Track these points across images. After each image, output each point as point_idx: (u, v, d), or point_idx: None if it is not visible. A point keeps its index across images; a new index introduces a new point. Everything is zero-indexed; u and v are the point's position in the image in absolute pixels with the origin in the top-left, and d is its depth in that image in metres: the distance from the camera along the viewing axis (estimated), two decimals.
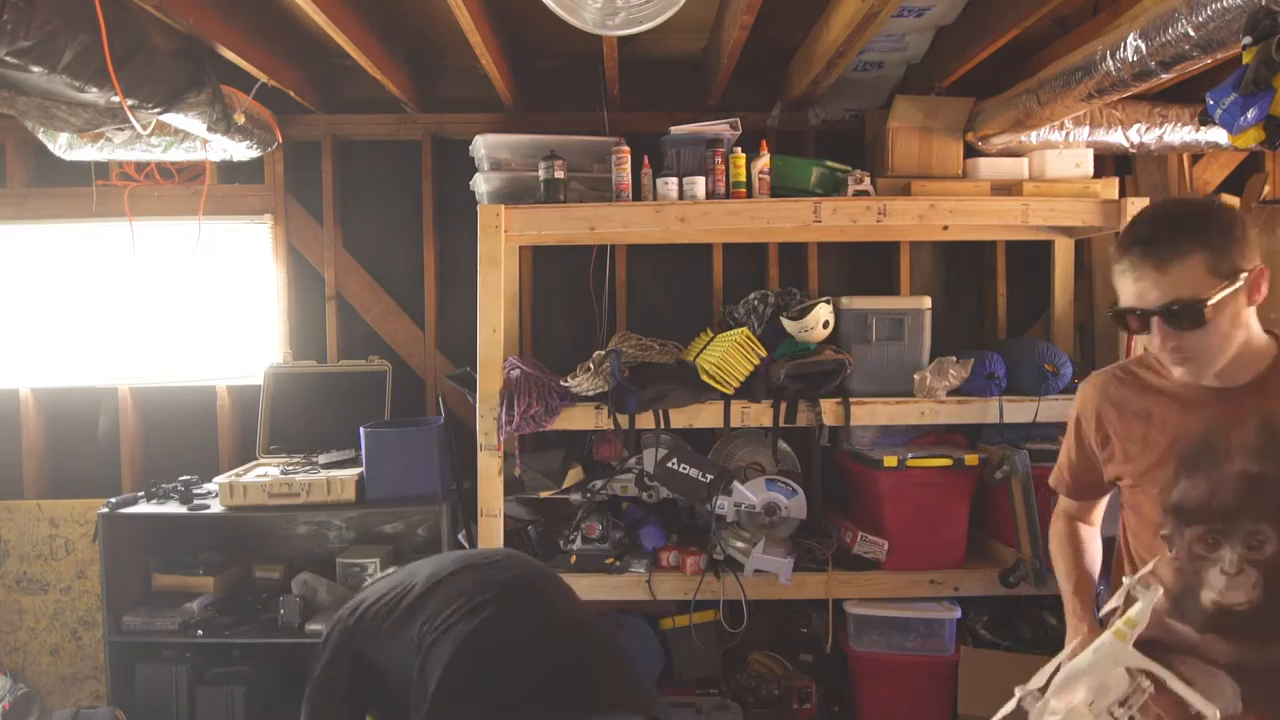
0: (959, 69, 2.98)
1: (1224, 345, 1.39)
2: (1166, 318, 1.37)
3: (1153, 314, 1.38)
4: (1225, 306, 1.36)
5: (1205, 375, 1.43)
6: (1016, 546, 2.95)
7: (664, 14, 2.08)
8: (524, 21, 2.93)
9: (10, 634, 3.45)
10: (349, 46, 2.65)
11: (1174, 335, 1.38)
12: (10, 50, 1.84)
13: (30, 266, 3.59)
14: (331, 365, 3.52)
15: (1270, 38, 1.65)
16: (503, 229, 2.86)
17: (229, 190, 3.55)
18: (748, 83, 3.33)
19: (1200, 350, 1.39)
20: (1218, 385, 1.46)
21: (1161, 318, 1.37)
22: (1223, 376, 1.45)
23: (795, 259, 3.58)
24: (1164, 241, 1.36)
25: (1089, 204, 3.02)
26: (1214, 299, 1.34)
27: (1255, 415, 1.42)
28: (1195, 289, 1.34)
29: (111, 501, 3.12)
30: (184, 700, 3.07)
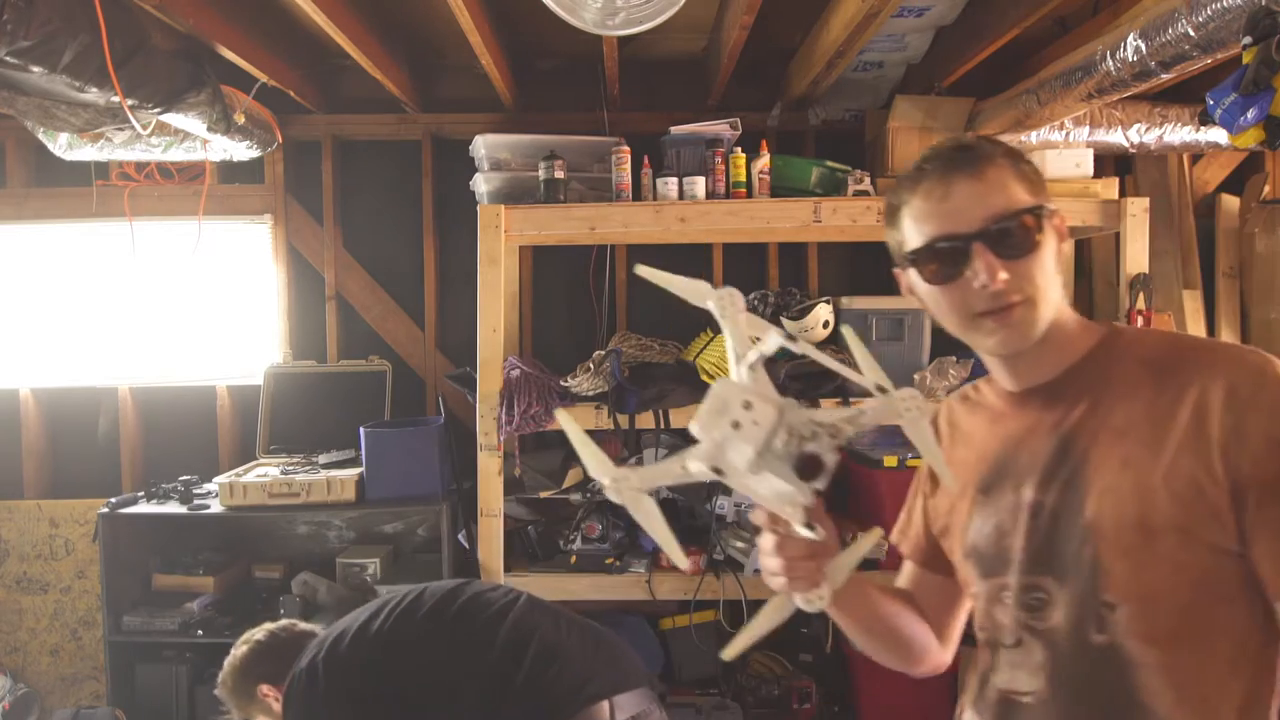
0: (959, 69, 2.98)
1: (1049, 293, 1.03)
2: (995, 239, 0.99)
3: (975, 237, 0.99)
4: (1049, 235, 1.03)
5: (1029, 337, 1.03)
6: None
7: (664, 14, 2.08)
8: (524, 21, 2.93)
9: (10, 634, 3.45)
10: (349, 46, 2.65)
11: (1002, 264, 0.99)
12: (10, 50, 1.84)
13: (30, 266, 3.59)
14: (331, 365, 3.52)
15: (1270, 38, 1.65)
16: (503, 229, 2.86)
17: (229, 190, 3.55)
18: (748, 83, 3.33)
19: (1033, 289, 1.01)
20: (1016, 388, 1.11)
21: (987, 242, 0.99)
22: (1030, 364, 1.08)
23: (795, 259, 3.58)
24: (970, 150, 1.04)
25: (1089, 204, 3.02)
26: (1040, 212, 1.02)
27: (1051, 425, 1.06)
28: (1020, 198, 1.02)
29: (111, 501, 3.12)
30: (184, 700, 3.07)
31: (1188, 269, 3.48)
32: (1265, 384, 0.94)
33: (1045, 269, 1.02)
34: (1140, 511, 0.95)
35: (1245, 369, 0.95)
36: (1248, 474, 0.91)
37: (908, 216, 1.06)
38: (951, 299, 1.04)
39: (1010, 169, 1.03)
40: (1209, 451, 0.93)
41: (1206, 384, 0.95)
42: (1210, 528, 0.93)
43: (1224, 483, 0.92)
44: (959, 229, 1.01)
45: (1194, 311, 3.43)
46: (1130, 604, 0.97)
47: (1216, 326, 3.47)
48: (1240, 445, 0.92)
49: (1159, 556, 0.95)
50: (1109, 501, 0.98)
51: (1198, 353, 1.01)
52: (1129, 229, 2.97)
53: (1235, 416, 0.92)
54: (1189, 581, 0.95)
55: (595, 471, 0.92)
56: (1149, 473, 0.95)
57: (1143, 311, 2.98)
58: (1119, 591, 0.97)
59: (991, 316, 1.02)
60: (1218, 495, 0.92)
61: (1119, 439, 0.99)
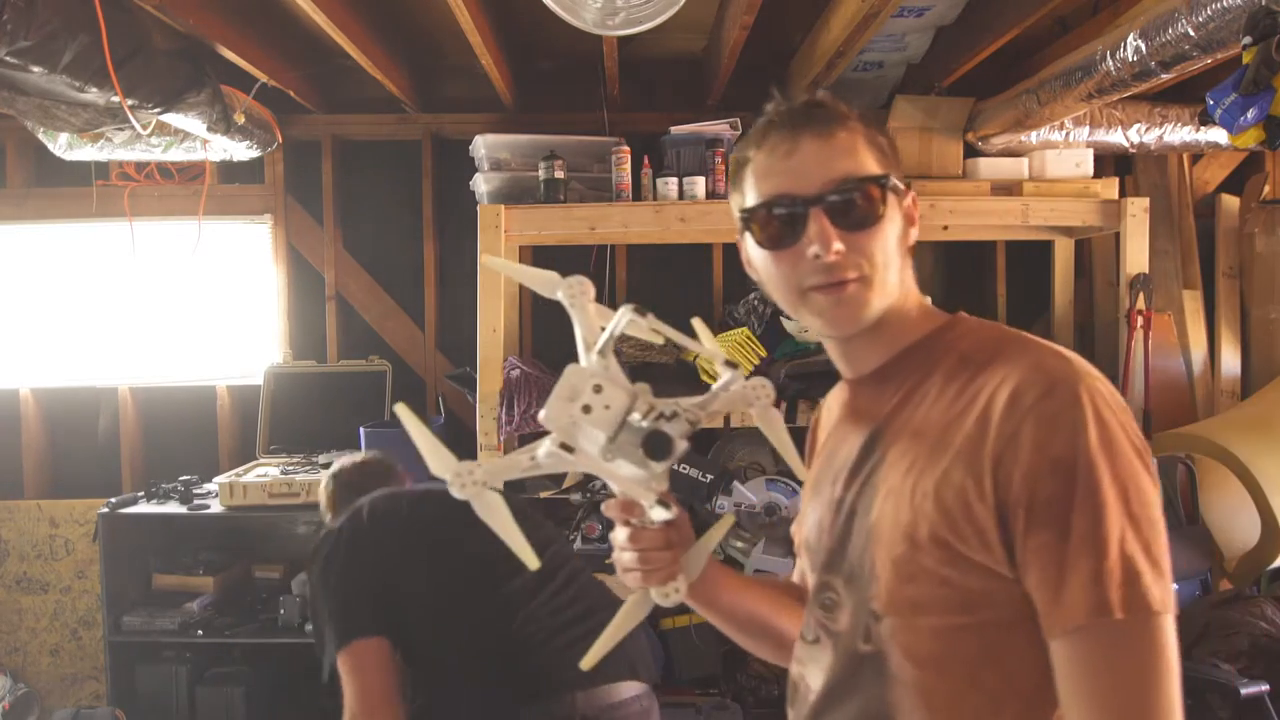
0: (959, 69, 2.98)
1: (888, 274, 0.93)
2: (835, 207, 0.90)
3: (814, 201, 0.90)
4: (895, 211, 0.94)
5: (859, 320, 0.93)
6: None
7: (664, 14, 2.08)
8: (524, 21, 2.93)
9: (10, 634, 3.45)
10: (349, 46, 2.65)
11: (840, 234, 0.90)
12: (10, 50, 1.84)
13: (30, 266, 3.59)
14: (331, 365, 3.52)
15: (1270, 38, 1.65)
16: (503, 229, 2.86)
17: (229, 190, 3.54)
18: (748, 83, 3.33)
19: (870, 267, 0.91)
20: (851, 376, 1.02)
21: (825, 208, 0.90)
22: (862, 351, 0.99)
23: None
24: (822, 109, 0.95)
25: (1089, 204, 3.02)
26: (889, 184, 0.93)
27: (868, 418, 0.98)
28: (868, 166, 0.92)
29: (111, 501, 3.12)
30: (184, 700, 3.07)
31: (1188, 269, 3.48)
32: (1054, 393, 0.81)
33: (886, 247, 0.92)
34: (910, 520, 0.87)
35: (1038, 374, 0.83)
36: (1017, 493, 0.80)
37: (750, 174, 0.96)
38: (783, 268, 0.93)
39: (863, 135, 0.94)
40: (982, 462, 0.82)
41: (998, 386, 0.85)
42: (976, 547, 0.82)
43: (990, 499, 0.81)
44: (798, 190, 0.91)
45: (1194, 311, 3.43)
46: (893, 617, 0.89)
47: (1216, 326, 3.47)
48: (1013, 459, 0.80)
49: (923, 571, 0.86)
50: (889, 506, 0.90)
51: (1008, 350, 0.89)
52: (1129, 229, 2.97)
53: (1014, 426, 0.81)
54: (955, 602, 0.85)
55: (435, 468, 0.92)
56: (926, 479, 0.86)
57: (1143, 311, 2.99)
58: (883, 602, 0.89)
59: (822, 291, 0.91)
60: (984, 513, 0.82)
61: (914, 439, 0.90)
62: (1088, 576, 0.77)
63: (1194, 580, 2.79)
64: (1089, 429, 0.79)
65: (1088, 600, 0.76)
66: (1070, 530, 0.78)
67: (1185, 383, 3.36)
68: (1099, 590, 0.76)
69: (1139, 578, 0.77)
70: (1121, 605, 0.76)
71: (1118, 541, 0.77)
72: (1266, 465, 2.69)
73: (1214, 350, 3.46)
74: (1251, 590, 2.79)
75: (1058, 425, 0.80)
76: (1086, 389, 0.81)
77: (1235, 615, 2.50)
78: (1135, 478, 0.80)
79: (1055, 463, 0.79)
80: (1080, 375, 0.83)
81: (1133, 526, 0.78)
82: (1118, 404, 0.83)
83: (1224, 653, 2.39)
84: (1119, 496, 0.78)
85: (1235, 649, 2.40)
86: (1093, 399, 0.81)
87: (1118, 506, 0.78)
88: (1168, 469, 2.82)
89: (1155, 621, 0.77)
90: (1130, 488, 0.79)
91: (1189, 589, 2.78)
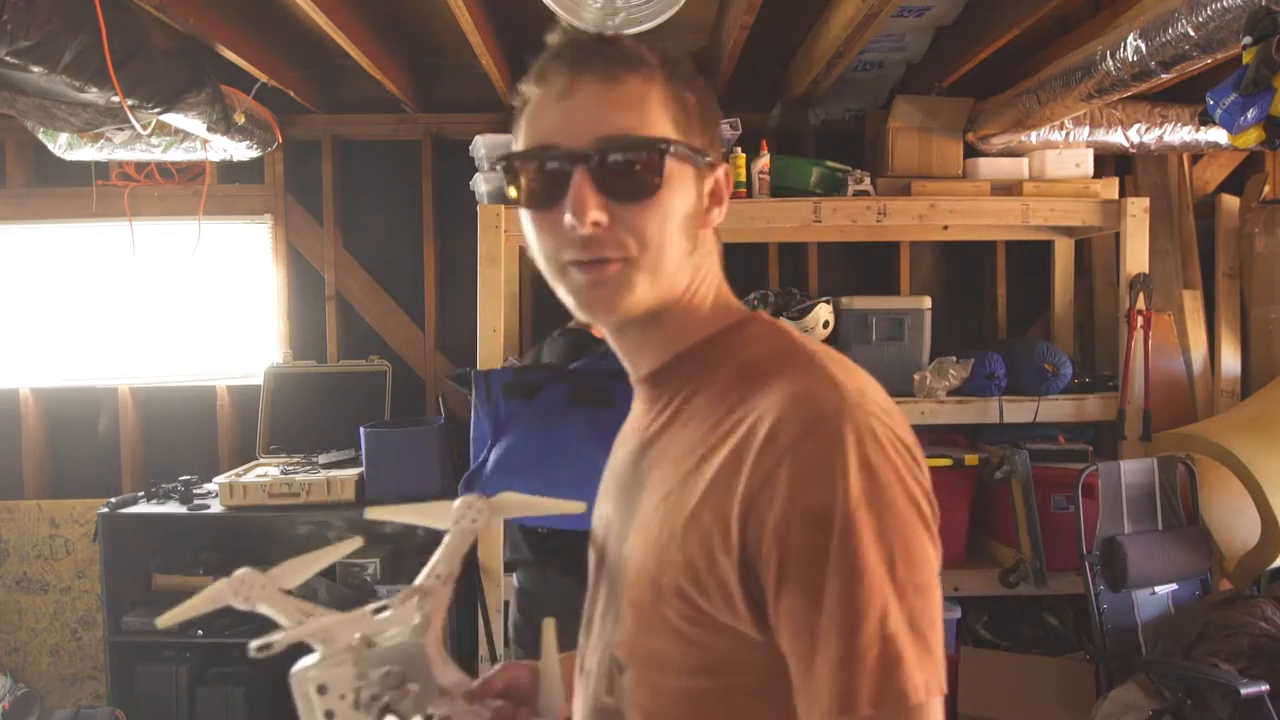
0: (959, 69, 2.98)
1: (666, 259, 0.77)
2: (605, 170, 0.74)
3: (579, 159, 0.74)
4: (684, 185, 0.77)
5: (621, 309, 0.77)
6: (1016, 546, 2.94)
7: (664, 14, 2.08)
8: (524, 21, 2.93)
9: (10, 634, 3.45)
10: (349, 46, 2.65)
11: (605, 204, 0.74)
12: (10, 50, 1.84)
13: (30, 266, 3.59)
14: (331, 365, 3.52)
15: (1270, 38, 1.65)
16: (503, 229, 2.86)
17: (229, 190, 3.54)
18: (748, 83, 3.33)
19: (639, 248, 0.75)
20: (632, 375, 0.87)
21: (593, 170, 0.74)
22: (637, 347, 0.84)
23: (795, 259, 3.58)
24: (615, 47, 0.78)
25: (1089, 204, 3.02)
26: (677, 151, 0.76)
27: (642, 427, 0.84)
28: (657, 125, 0.76)
29: (111, 501, 3.12)
30: (184, 700, 3.07)
31: (1188, 269, 3.48)
32: (815, 431, 0.67)
33: (665, 226, 0.76)
34: (656, 565, 0.73)
35: (802, 406, 0.69)
36: (767, 547, 0.66)
37: (524, 115, 0.80)
38: (543, 234, 0.77)
39: (663, 87, 0.77)
40: (730, 507, 0.68)
41: (760, 416, 0.70)
42: (720, 605, 0.69)
43: (735, 552, 0.68)
44: (565, 142, 0.75)
45: (1194, 311, 3.43)
46: (635, 669, 0.76)
47: (1216, 326, 3.47)
48: (766, 507, 0.66)
49: (665, 623, 0.73)
50: (638, 542, 0.77)
51: (784, 369, 0.74)
52: (1129, 229, 2.97)
53: (768, 468, 0.67)
54: (700, 663, 0.72)
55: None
56: (674, 518, 0.73)
57: (1143, 311, 2.99)
58: (626, 651, 0.77)
59: (580, 269, 0.75)
60: (727, 566, 0.68)
61: (674, 463, 0.76)
62: (836, 658, 0.63)
63: (1194, 580, 2.79)
64: (850, 477, 0.65)
65: (833, 688, 0.63)
66: (823, 596, 0.64)
67: (1185, 383, 3.36)
68: (847, 677, 0.63)
69: (898, 662, 0.63)
70: (871, 699, 0.63)
71: (877, 616, 0.64)
72: (1266, 465, 2.69)
73: (1214, 350, 3.46)
74: (1251, 590, 2.79)
75: (815, 471, 0.66)
76: (854, 427, 0.67)
77: (1235, 615, 2.50)
78: (906, 536, 0.67)
79: (810, 515, 0.65)
80: (849, 410, 0.68)
81: (898, 596, 0.65)
82: (896, 444, 0.69)
83: (1224, 653, 2.39)
84: (882, 559, 0.65)
85: (1235, 649, 2.40)
86: (860, 440, 0.66)
87: (880, 571, 0.64)
88: (1168, 469, 2.82)
89: (915, 715, 0.64)
90: (898, 548, 0.66)
91: (1189, 589, 2.78)
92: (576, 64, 0.76)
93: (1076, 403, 3.03)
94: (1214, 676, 2.29)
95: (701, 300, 0.83)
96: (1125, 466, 2.76)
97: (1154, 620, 2.69)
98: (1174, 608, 2.73)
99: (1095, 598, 2.62)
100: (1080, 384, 3.09)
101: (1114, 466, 2.75)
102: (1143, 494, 2.76)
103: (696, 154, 0.78)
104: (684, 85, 0.79)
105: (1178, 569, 2.75)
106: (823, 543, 0.64)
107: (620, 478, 0.85)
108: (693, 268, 0.81)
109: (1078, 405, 3.03)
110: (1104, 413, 3.03)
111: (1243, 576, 2.85)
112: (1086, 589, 2.63)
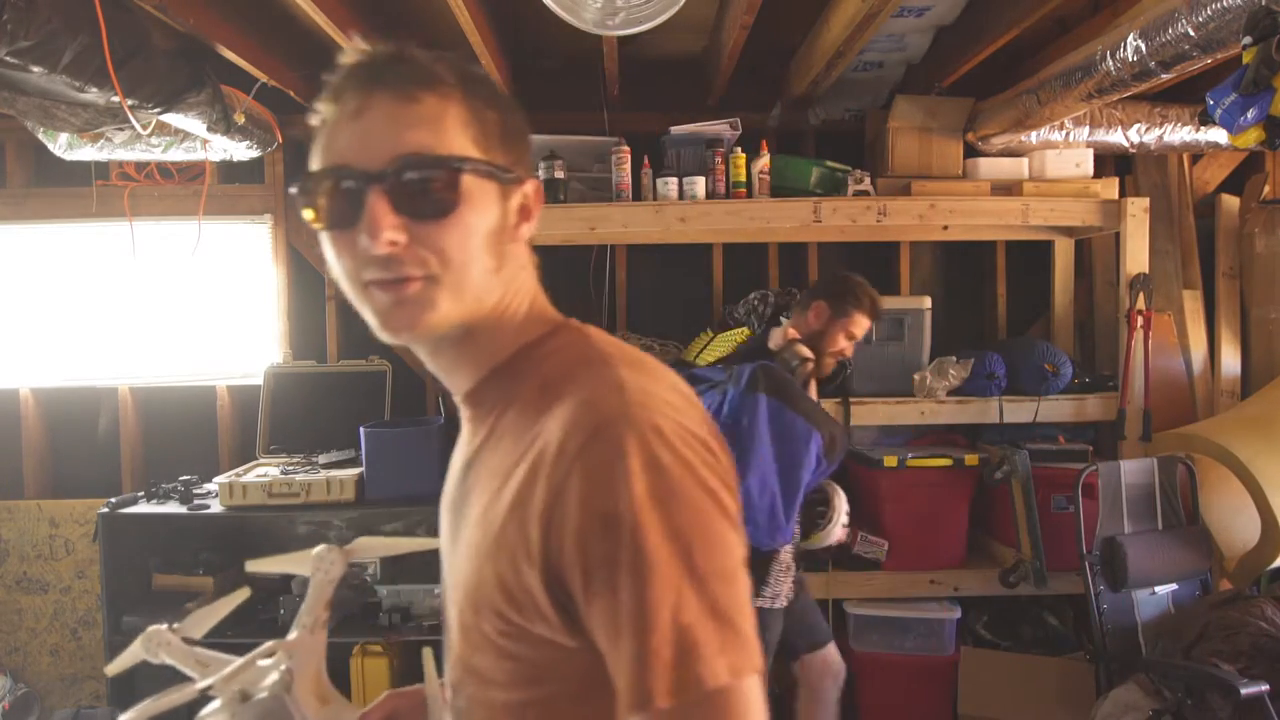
0: (959, 69, 2.98)
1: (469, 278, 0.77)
2: (400, 189, 0.74)
3: (373, 179, 0.74)
4: (486, 202, 0.78)
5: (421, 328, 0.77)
6: (1016, 546, 2.95)
7: (664, 14, 2.08)
8: (524, 21, 2.93)
9: (10, 634, 3.45)
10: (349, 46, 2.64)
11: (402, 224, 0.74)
12: (10, 50, 1.84)
13: (30, 266, 3.59)
14: (331, 365, 3.52)
15: (1270, 38, 1.65)
16: None
17: (229, 190, 3.54)
18: (748, 83, 3.33)
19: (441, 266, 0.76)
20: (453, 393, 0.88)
21: (389, 190, 0.74)
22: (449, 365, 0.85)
23: (795, 259, 3.58)
24: (411, 65, 0.78)
25: (1089, 204, 3.02)
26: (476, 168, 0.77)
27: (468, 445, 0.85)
28: (454, 141, 0.76)
29: (111, 501, 3.12)
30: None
31: (1188, 269, 3.48)
32: (599, 437, 0.69)
33: (468, 244, 0.76)
34: (475, 580, 0.75)
35: (587, 413, 0.71)
36: (570, 555, 0.68)
37: (320, 135, 0.79)
38: (342, 256, 0.77)
39: (461, 105, 0.77)
40: (530, 519, 0.70)
41: (552, 428, 0.71)
42: (532, 618, 0.71)
43: (538, 562, 0.69)
44: (359, 162, 0.74)
45: (1194, 311, 3.43)
46: (468, 688, 0.79)
47: (1216, 326, 3.47)
48: (563, 516, 0.68)
49: (486, 640, 0.75)
50: (461, 561, 0.78)
51: (572, 379, 0.75)
52: (1129, 229, 2.98)
53: (560, 477, 0.69)
54: (520, 675, 0.75)
55: None
56: (488, 534, 0.75)
57: (1143, 311, 2.99)
58: (458, 670, 0.80)
59: (381, 288, 0.76)
60: (533, 578, 0.70)
61: (490, 480, 0.78)
62: (632, 654, 0.65)
63: (1194, 580, 2.79)
64: (634, 479, 0.66)
65: (631, 684, 0.65)
66: (619, 596, 0.65)
67: (1185, 383, 3.36)
68: (642, 674, 0.64)
69: (694, 651, 0.64)
70: (668, 691, 0.63)
71: (670, 610, 0.64)
72: (1266, 465, 2.69)
73: (1214, 350, 3.46)
74: (1251, 590, 2.79)
75: (601, 476, 0.67)
76: (636, 429, 0.68)
77: (1235, 615, 2.50)
78: (702, 526, 0.67)
79: (602, 519, 0.66)
80: (631, 412, 0.69)
81: (694, 586, 0.65)
82: (686, 437, 0.70)
83: (1224, 653, 2.39)
84: (675, 553, 0.65)
85: (1235, 649, 2.40)
86: (643, 441, 0.68)
87: (673, 565, 0.65)
88: (1168, 469, 2.82)
89: (717, 700, 0.64)
90: (695, 539, 0.66)
91: (1189, 589, 2.78)
92: (371, 82, 0.76)
93: (1076, 403, 3.03)
94: (1214, 676, 2.29)
95: (514, 315, 0.83)
96: (1125, 466, 2.76)
97: (1154, 620, 2.69)
98: (1174, 608, 2.73)
99: (1095, 598, 2.62)
100: (1080, 384, 3.09)
101: (1114, 466, 2.75)
102: (1143, 494, 2.76)
103: (499, 170, 0.79)
104: (484, 103, 0.80)
105: (1178, 569, 2.75)
106: (615, 545, 0.66)
107: (450, 497, 0.86)
108: (502, 283, 0.81)
109: (1078, 405, 3.04)
110: (1104, 413, 3.04)
111: (1243, 576, 2.85)
112: (1086, 589, 2.63)
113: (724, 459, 0.73)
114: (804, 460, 2.19)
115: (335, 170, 0.76)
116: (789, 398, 2.23)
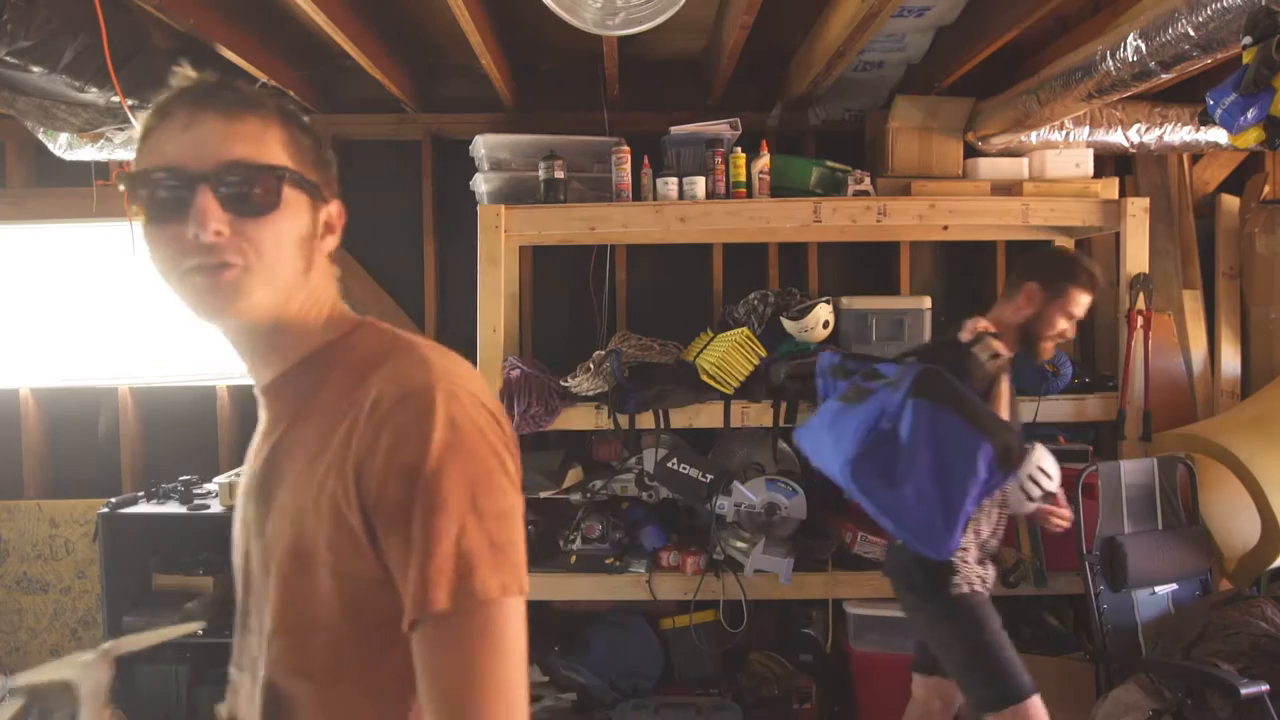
0: (959, 69, 2.98)
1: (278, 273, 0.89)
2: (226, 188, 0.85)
3: (202, 179, 0.85)
4: (299, 210, 0.91)
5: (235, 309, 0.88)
6: (1016, 546, 2.94)
7: (664, 14, 2.08)
8: (524, 21, 2.93)
9: (10, 634, 3.45)
10: (349, 46, 2.65)
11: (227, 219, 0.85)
12: (10, 50, 1.84)
13: (30, 266, 3.59)
14: None
15: (1270, 38, 1.65)
16: (503, 229, 2.86)
17: None
18: (748, 83, 3.33)
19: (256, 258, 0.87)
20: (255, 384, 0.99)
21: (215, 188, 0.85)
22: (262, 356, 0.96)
23: (795, 259, 3.58)
24: (235, 94, 0.90)
25: (1089, 204, 3.02)
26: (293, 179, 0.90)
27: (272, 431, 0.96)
28: (273, 155, 0.89)
29: (111, 501, 3.12)
30: (184, 700, 3.07)
31: (1188, 269, 3.48)
32: (407, 401, 0.82)
33: (280, 242, 0.88)
34: (295, 536, 0.87)
35: (397, 382, 0.84)
36: (375, 499, 0.81)
37: (146, 143, 0.90)
38: (166, 247, 0.87)
39: (280, 129, 0.90)
40: (347, 468, 0.83)
41: (368, 395, 0.85)
42: (353, 559, 0.83)
43: (355, 506, 0.82)
44: (189, 164, 0.85)
45: (1194, 311, 3.43)
46: (282, 638, 0.89)
47: (1216, 326, 3.47)
48: (371, 466, 0.81)
49: (311, 588, 0.86)
50: (277, 521, 0.89)
51: (384, 358, 0.89)
52: (1129, 229, 2.97)
53: (372, 434, 0.82)
54: (343, 614, 0.85)
55: None
56: (306, 493, 0.86)
57: (1143, 311, 2.99)
58: (275, 624, 0.89)
59: (201, 273, 0.85)
60: (355, 520, 0.82)
61: (303, 450, 0.89)
62: (418, 574, 0.78)
63: (1194, 580, 2.79)
64: (434, 434, 0.80)
65: (416, 596, 0.78)
66: (411, 530, 0.79)
67: (1185, 383, 3.36)
68: (425, 586, 0.77)
69: (472, 569, 0.78)
70: (447, 597, 0.77)
71: (453, 538, 0.78)
72: (1266, 465, 2.69)
73: (1214, 350, 3.46)
74: (1251, 590, 2.79)
75: (407, 433, 0.81)
76: (443, 395, 0.83)
77: (1235, 615, 2.50)
78: (486, 475, 0.82)
79: (402, 469, 0.80)
80: (436, 382, 0.84)
81: (476, 521, 0.79)
82: (479, 407, 0.85)
83: (1224, 653, 2.39)
84: (463, 494, 0.79)
85: (1235, 649, 2.40)
86: (447, 404, 0.82)
87: (460, 504, 0.79)
88: (1168, 469, 2.82)
89: (488, 610, 0.78)
90: (479, 484, 0.81)
91: (1189, 589, 2.78)
92: (199, 103, 0.88)
93: (1076, 403, 3.03)
94: (1214, 676, 2.29)
95: (317, 315, 0.95)
96: (1125, 466, 2.76)
97: (1154, 620, 2.69)
98: (1174, 608, 2.73)
99: (1095, 598, 2.62)
100: (1080, 384, 3.09)
101: (1114, 466, 2.75)
102: (1143, 494, 2.76)
103: (311, 185, 0.93)
104: (299, 130, 0.93)
105: (1178, 569, 2.75)
106: (410, 491, 0.79)
107: (256, 478, 0.95)
108: (309, 286, 0.93)
109: (1078, 405, 3.03)
110: (1104, 413, 3.03)
111: (1243, 576, 2.85)
112: (1086, 589, 2.63)
113: (507, 428, 0.88)
114: (968, 471, 2.00)
115: (167, 170, 0.86)
116: (956, 404, 2.06)
